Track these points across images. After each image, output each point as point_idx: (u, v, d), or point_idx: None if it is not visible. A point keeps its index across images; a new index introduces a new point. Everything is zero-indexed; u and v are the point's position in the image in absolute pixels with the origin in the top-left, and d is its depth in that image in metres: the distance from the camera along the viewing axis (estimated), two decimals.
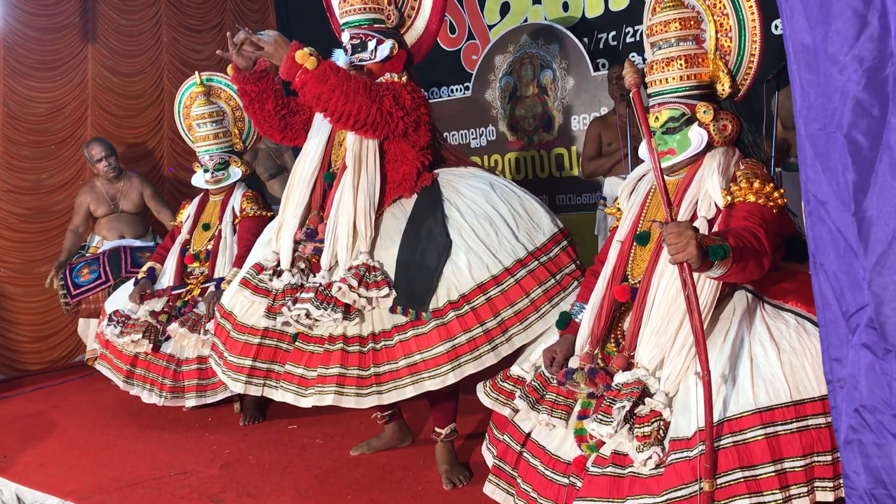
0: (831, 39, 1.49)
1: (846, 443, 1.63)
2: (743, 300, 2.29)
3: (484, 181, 3.09)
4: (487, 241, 2.89)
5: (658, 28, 2.43)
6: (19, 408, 4.75)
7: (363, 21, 3.08)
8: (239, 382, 3.04)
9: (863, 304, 1.53)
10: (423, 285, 2.83)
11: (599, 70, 5.10)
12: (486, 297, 2.81)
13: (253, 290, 3.05)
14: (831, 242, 1.58)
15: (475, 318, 2.78)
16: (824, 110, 1.53)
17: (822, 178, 1.58)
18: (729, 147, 2.43)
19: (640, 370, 2.25)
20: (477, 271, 2.83)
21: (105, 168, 5.29)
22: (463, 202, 2.99)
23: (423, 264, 2.86)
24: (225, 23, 6.57)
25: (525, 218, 3.02)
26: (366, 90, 2.83)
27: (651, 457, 2.08)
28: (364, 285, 2.82)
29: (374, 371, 2.82)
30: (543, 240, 2.99)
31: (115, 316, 4.17)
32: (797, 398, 2.04)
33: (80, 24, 5.73)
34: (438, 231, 2.91)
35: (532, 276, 2.87)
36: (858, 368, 1.57)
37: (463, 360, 2.76)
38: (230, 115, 4.52)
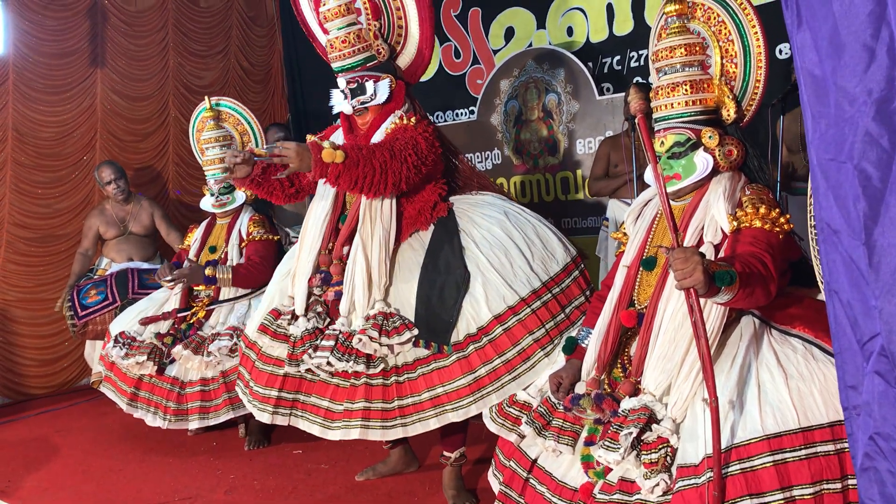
0: (841, 72, 1.51)
1: (862, 470, 1.63)
2: (750, 326, 2.28)
3: (498, 209, 3.12)
4: (503, 272, 2.91)
5: (664, 54, 2.44)
6: (23, 432, 4.74)
7: (356, 64, 3.09)
8: (266, 413, 3.05)
9: (875, 333, 1.53)
10: (443, 320, 2.87)
11: (604, 94, 5.12)
12: (503, 328, 2.83)
13: (272, 335, 3.07)
14: (845, 270, 1.59)
15: (493, 350, 2.80)
16: (835, 141, 1.55)
17: (835, 207, 1.59)
18: (734, 172, 2.43)
19: (647, 396, 2.24)
20: (494, 303, 2.86)
21: (114, 190, 5.33)
22: (478, 232, 3.02)
23: (443, 298, 2.89)
24: (230, 48, 6.63)
25: (539, 246, 3.04)
26: (391, 156, 2.86)
27: (658, 484, 2.07)
28: (385, 334, 2.84)
29: (398, 404, 2.86)
30: (557, 269, 3.02)
31: (121, 338, 4.18)
32: (805, 425, 2.02)
33: (89, 48, 5.77)
34: (456, 264, 2.94)
35: (546, 308, 2.90)
36: (872, 396, 1.57)
37: (486, 392, 2.78)
38: (237, 140, 4.57)
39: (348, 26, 3.09)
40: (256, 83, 6.83)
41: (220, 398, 3.94)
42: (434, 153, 3.02)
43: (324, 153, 2.73)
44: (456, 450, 3.19)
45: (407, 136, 2.96)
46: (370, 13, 3.16)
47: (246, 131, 4.62)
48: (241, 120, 4.63)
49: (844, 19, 1.49)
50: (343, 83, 3.12)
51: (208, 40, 6.50)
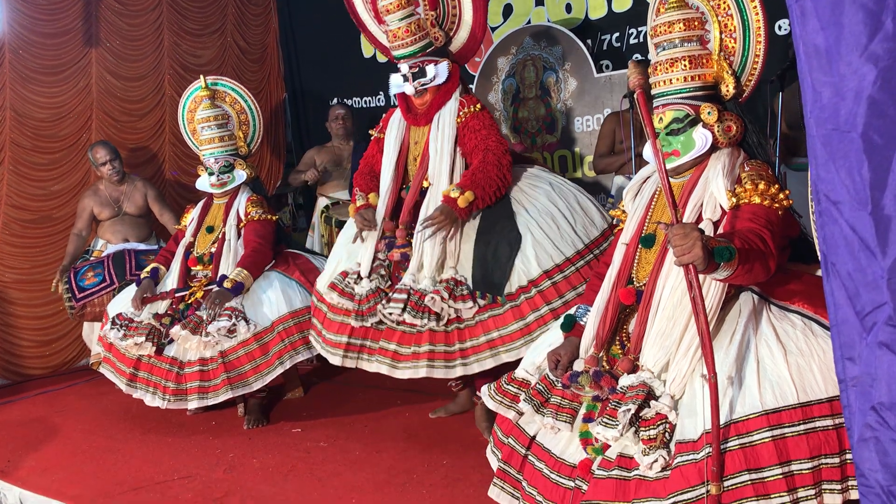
0: (845, 40, 1.49)
1: (861, 441, 1.63)
2: (749, 302, 2.27)
3: (545, 181, 3.55)
4: (550, 234, 3.33)
5: (662, 29, 2.42)
6: (23, 413, 4.75)
7: (416, 51, 3.51)
8: (337, 356, 3.52)
9: (881, 303, 1.53)
10: (498, 275, 3.27)
11: (603, 72, 5.09)
12: (551, 281, 3.24)
13: (339, 293, 3.49)
14: (844, 242, 1.59)
15: (542, 300, 3.22)
16: (838, 111, 1.53)
17: (836, 177, 1.58)
18: (734, 148, 2.42)
19: (646, 373, 2.24)
20: (543, 261, 3.27)
21: (109, 171, 5.30)
22: (528, 200, 3.44)
23: (497, 257, 3.30)
24: (226, 27, 6.57)
25: (581, 213, 3.47)
26: (498, 162, 3.38)
27: (657, 460, 2.07)
28: (453, 298, 3.24)
29: (458, 347, 3.28)
30: (596, 234, 3.45)
31: (119, 319, 4.17)
32: (804, 400, 2.02)
33: (84, 28, 5.72)
34: (509, 227, 3.35)
35: (588, 267, 3.30)
36: (876, 367, 1.57)
37: (534, 335, 3.15)
38: (235, 119, 4.54)
39: (408, 17, 3.49)
40: (253, 62, 6.78)
41: (218, 378, 3.93)
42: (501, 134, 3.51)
43: (459, 201, 3.28)
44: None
45: (488, 123, 3.48)
46: (427, 3, 3.58)
47: (243, 110, 4.60)
48: (238, 99, 4.60)
49: None
50: (406, 68, 3.52)
51: (203, 19, 6.44)
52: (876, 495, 1.62)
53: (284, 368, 4.00)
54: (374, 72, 6.31)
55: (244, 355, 3.95)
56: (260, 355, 3.96)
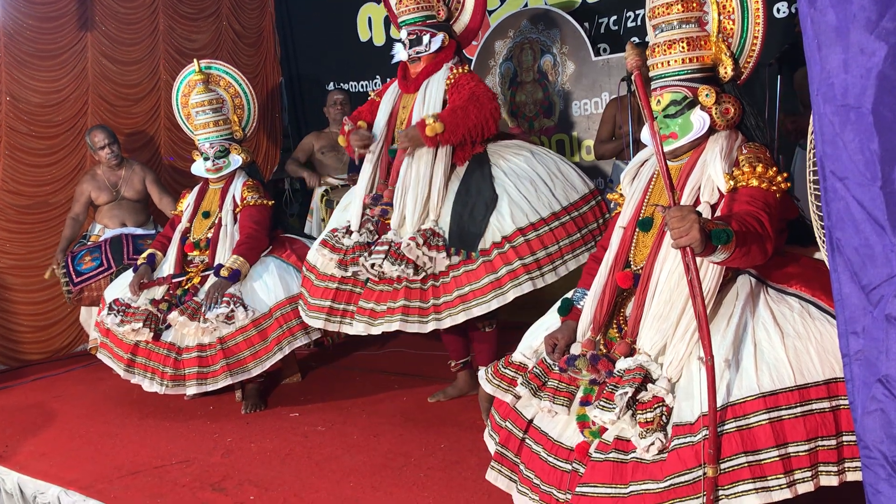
0: (855, 17, 1.49)
1: (866, 413, 1.63)
2: (746, 284, 2.27)
3: (526, 149, 3.71)
4: (528, 196, 3.48)
5: (660, 10, 2.41)
6: (21, 398, 4.75)
7: (417, 19, 3.72)
8: (319, 320, 3.65)
9: (890, 275, 1.53)
10: (472, 232, 3.42)
11: (600, 55, 5.07)
12: (524, 238, 3.39)
13: (331, 248, 3.65)
14: (850, 218, 1.59)
15: (515, 254, 3.36)
16: (847, 87, 1.53)
17: (844, 153, 1.58)
18: (731, 131, 2.41)
19: (643, 356, 2.24)
20: (518, 218, 3.42)
21: (108, 155, 5.27)
22: (507, 165, 3.59)
23: (473, 216, 3.45)
24: (221, 11, 6.52)
25: (561, 178, 3.62)
26: (475, 108, 3.50)
27: (654, 442, 2.07)
28: (427, 246, 3.38)
29: (433, 303, 3.43)
30: (576, 197, 3.60)
31: (116, 305, 4.16)
32: (801, 382, 2.02)
33: (79, 11, 5.67)
34: (486, 188, 3.50)
35: (563, 228, 3.48)
36: (883, 339, 1.57)
37: (505, 288, 3.33)
38: (229, 103, 4.52)
39: None
40: (249, 46, 6.75)
41: (217, 364, 3.93)
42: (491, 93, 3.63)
43: (427, 130, 3.45)
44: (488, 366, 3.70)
45: (477, 80, 3.63)
46: None
47: (238, 94, 4.57)
48: (233, 82, 4.58)
49: None
50: (405, 34, 3.74)
51: (199, 2, 6.40)
52: (881, 466, 1.62)
53: (283, 354, 4.00)
54: (371, 56, 6.28)
55: (243, 341, 3.95)
56: (259, 341, 3.96)
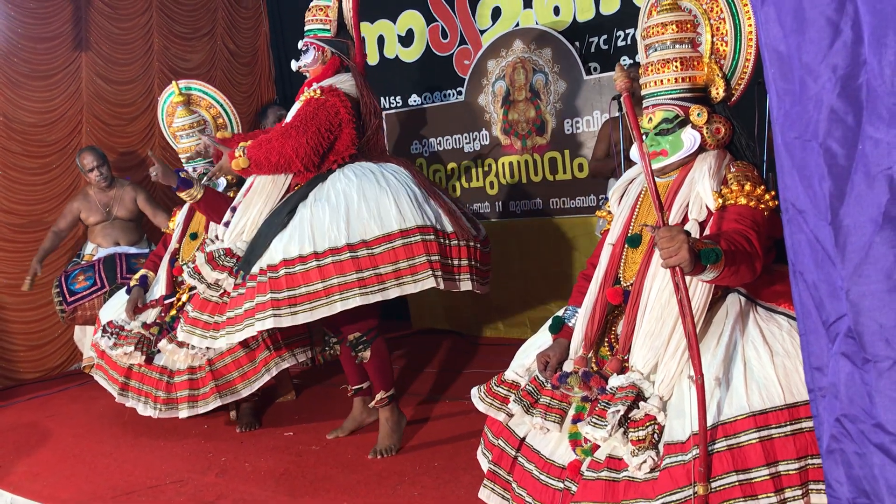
0: (805, 48, 1.49)
1: (828, 452, 1.62)
2: (736, 303, 2.29)
3: (367, 171, 3.45)
4: (314, 224, 3.29)
5: (655, 30, 2.44)
6: (14, 417, 4.74)
7: (309, 31, 3.63)
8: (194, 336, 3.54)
9: (842, 314, 1.52)
10: (255, 254, 3.33)
11: (591, 74, 5.11)
12: (287, 270, 3.22)
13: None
14: (810, 251, 1.58)
15: (267, 287, 3.22)
16: (800, 119, 1.53)
17: (800, 186, 1.57)
18: (720, 150, 2.43)
19: (635, 374, 2.25)
20: (290, 248, 3.25)
21: (97, 178, 5.27)
22: (332, 188, 3.40)
23: (263, 235, 3.36)
24: (216, 31, 6.57)
25: (372, 212, 3.32)
26: (279, 144, 3.38)
27: (646, 461, 2.08)
28: (212, 264, 3.42)
29: (216, 320, 3.41)
30: (376, 234, 3.29)
31: (109, 327, 4.17)
32: (791, 401, 2.04)
33: (73, 32, 5.72)
34: (284, 211, 3.38)
35: (336, 266, 3.22)
36: (839, 378, 1.56)
37: (254, 319, 3.20)
38: (212, 124, 4.51)
39: (324, 1, 3.61)
40: (243, 65, 6.79)
41: (207, 386, 3.94)
42: (335, 121, 3.45)
43: (233, 164, 3.43)
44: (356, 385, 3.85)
45: (309, 110, 3.43)
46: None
47: (220, 114, 4.58)
48: (214, 103, 4.57)
49: None
50: (300, 44, 3.65)
51: (193, 22, 6.45)
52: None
53: (271, 375, 4.00)
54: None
55: (231, 363, 3.96)
56: (247, 362, 3.96)
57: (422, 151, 5.98)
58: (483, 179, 5.69)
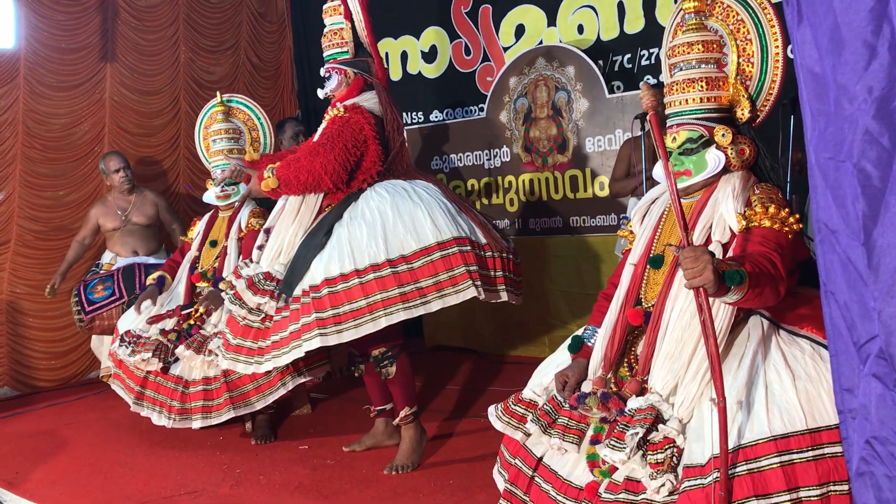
0: (841, 69, 1.48)
1: (858, 475, 1.60)
2: (758, 326, 2.26)
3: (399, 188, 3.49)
4: (353, 243, 3.31)
5: (681, 49, 2.43)
6: (32, 424, 4.76)
7: (329, 56, 3.66)
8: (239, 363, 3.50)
9: (873, 335, 1.51)
10: (296, 276, 3.34)
11: (614, 92, 5.10)
12: (330, 289, 3.24)
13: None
14: (842, 271, 1.57)
15: (312, 307, 3.22)
16: (834, 139, 1.52)
17: (833, 206, 1.56)
18: (744, 171, 2.42)
19: (654, 395, 2.23)
20: (331, 267, 3.27)
21: (122, 179, 5.34)
22: (366, 206, 3.42)
23: (303, 257, 3.37)
24: (240, 44, 6.63)
25: (408, 227, 3.35)
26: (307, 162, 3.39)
27: (664, 484, 2.05)
28: (253, 290, 3.39)
29: (260, 345, 3.39)
30: (414, 248, 3.32)
31: (127, 336, 4.19)
32: (813, 426, 2.01)
33: (100, 43, 5.79)
34: (321, 232, 3.40)
35: (377, 282, 3.24)
36: (870, 399, 1.54)
37: (300, 340, 3.21)
38: (247, 135, 4.60)
39: (335, 24, 3.64)
40: (266, 79, 6.84)
41: (221, 398, 3.95)
42: (360, 137, 3.47)
43: (263, 185, 3.43)
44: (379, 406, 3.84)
45: (334, 128, 3.45)
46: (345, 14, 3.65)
47: (255, 127, 4.66)
48: (252, 116, 4.67)
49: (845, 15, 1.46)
50: (322, 71, 3.69)
51: (218, 35, 6.51)
52: None
53: (286, 390, 3.99)
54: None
55: (247, 375, 3.95)
56: (262, 375, 3.96)
57: (442, 167, 5.98)
58: (503, 196, 5.69)
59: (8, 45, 5.40)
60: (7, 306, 5.47)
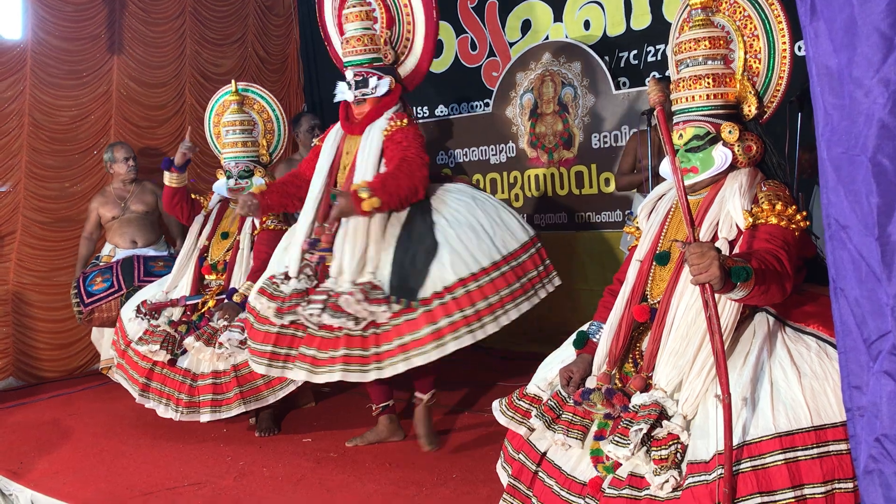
0: (857, 62, 1.47)
1: (866, 473, 1.59)
2: (764, 323, 2.26)
3: (467, 195, 3.66)
4: (468, 244, 3.42)
5: (687, 46, 2.42)
6: (36, 415, 4.77)
7: (364, 61, 3.65)
8: (261, 365, 3.54)
9: (886, 331, 1.50)
10: (413, 281, 3.35)
11: (621, 88, 5.09)
12: (465, 289, 3.33)
13: (269, 297, 3.52)
14: (853, 267, 1.56)
15: (455, 306, 3.30)
16: (848, 134, 1.51)
17: (845, 202, 1.55)
18: (751, 168, 2.41)
19: (658, 392, 2.23)
20: (458, 268, 3.35)
21: (129, 169, 5.36)
22: (448, 212, 3.54)
23: (414, 263, 3.38)
24: (247, 37, 6.63)
25: (502, 226, 3.56)
26: (406, 176, 3.44)
27: (668, 480, 2.06)
28: (368, 300, 3.30)
29: (374, 351, 3.33)
30: (515, 246, 3.53)
31: (143, 307, 4.19)
32: (818, 423, 2.01)
33: (107, 35, 5.78)
34: (427, 236, 3.44)
35: (503, 278, 3.41)
36: (880, 397, 1.53)
37: (445, 340, 3.28)
38: (261, 127, 4.59)
39: (365, 29, 3.66)
40: (273, 72, 6.83)
41: (231, 392, 3.94)
42: (424, 151, 3.58)
43: (364, 205, 3.33)
44: (427, 392, 3.74)
45: (411, 139, 3.56)
46: (385, 22, 3.77)
47: (270, 119, 4.64)
48: (266, 107, 4.64)
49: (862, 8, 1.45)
50: (350, 75, 3.66)
51: (225, 28, 6.51)
52: None
53: (298, 385, 4.00)
54: None
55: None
56: None
57: (447, 162, 5.98)
58: (508, 192, 5.68)
59: (15, 35, 5.40)
60: (12, 297, 5.48)
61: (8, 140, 5.43)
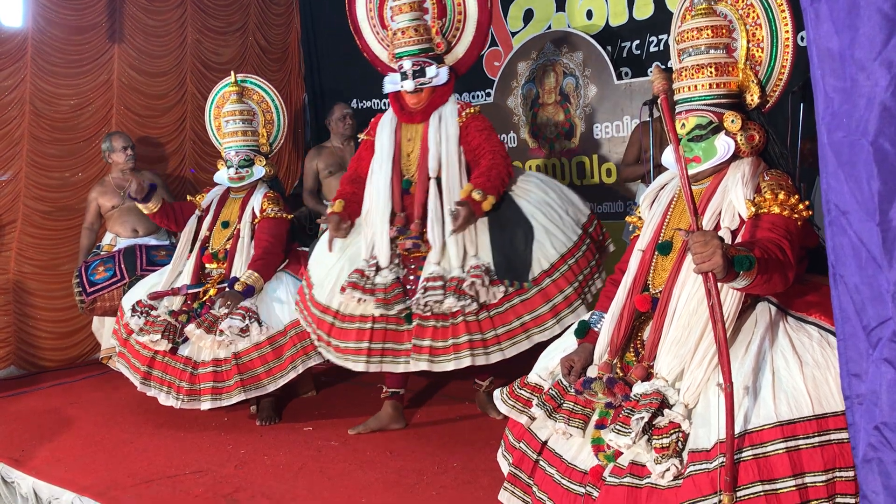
0: (859, 44, 1.46)
1: (864, 461, 1.59)
2: (766, 312, 2.26)
3: (533, 177, 3.87)
4: (555, 222, 3.62)
5: (689, 35, 2.42)
6: (37, 403, 4.78)
7: (418, 51, 3.73)
8: (360, 363, 3.59)
9: (886, 318, 1.49)
10: (520, 262, 3.51)
11: (622, 79, 5.08)
12: (567, 264, 3.54)
13: (363, 290, 3.54)
14: (853, 253, 1.55)
15: (565, 281, 3.51)
16: (850, 117, 1.49)
17: (845, 186, 1.54)
18: (754, 157, 2.41)
19: (660, 381, 2.23)
20: (557, 245, 3.56)
21: (127, 158, 5.34)
22: (524, 194, 3.71)
23: (515, 246, 3.53)
24: (248, 26, 6.60)
25: (569, 202, 3.79)
26: (503, 158, 3.66)
27: (669, 468, 2.06)
28: (491, 283, 3.45)
29: (493, 334, 3.49)
30: (584, 220, 3.77)
31: (139, 306, 4.18)
32: (819, 412, 2.01)
33: (108, 23, 5.76)
34: (518, 219, 3.60)
35: (589, 251, 3.66)
36: (880, 384, 1.52)
37: (563, 315, 3.48)
38: (260, 117, 4.60)
39: (416, 20, 3.74)
40: (273, 61, 6.81)
41: (231, 380, 3.95)
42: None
43: (484, 205, 3.48)
44: (486, 379, 4.01)
45: (488, 128, 3.77)
46: (436, 12, 3.87)
47: (269, 109, 4.65)
48: (266, 97, 4.65)
49: None
50: (408, 65, 3.73)
51: (226, 17, 6.48)
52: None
53: (297, 373, 4.01)
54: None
55: (257, 358, 3.96)
56: (273, 358, 3.97)
57: None
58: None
59: (16, 23, 5.38)
60: (13, 286, 5.48)
61: (9, 129, 5.41)
